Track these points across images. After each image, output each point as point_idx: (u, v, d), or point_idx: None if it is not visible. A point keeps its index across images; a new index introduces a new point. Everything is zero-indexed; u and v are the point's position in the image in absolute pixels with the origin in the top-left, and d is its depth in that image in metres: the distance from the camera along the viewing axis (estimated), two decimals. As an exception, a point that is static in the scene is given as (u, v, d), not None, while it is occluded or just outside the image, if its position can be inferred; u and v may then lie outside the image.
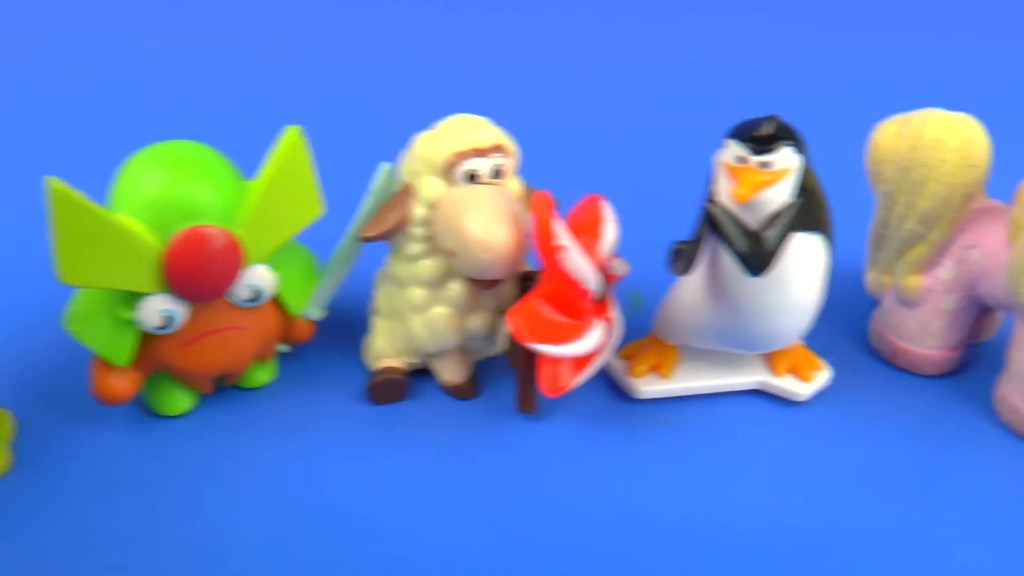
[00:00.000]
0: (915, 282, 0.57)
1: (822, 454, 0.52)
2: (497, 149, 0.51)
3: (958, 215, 0.55)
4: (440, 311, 0.52)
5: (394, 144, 0.54)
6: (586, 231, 0.49)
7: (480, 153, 0.50)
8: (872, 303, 0.63)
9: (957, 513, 0.49)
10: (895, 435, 0.54)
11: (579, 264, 0.47)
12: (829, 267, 0.51)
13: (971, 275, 0.55)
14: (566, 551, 0.46)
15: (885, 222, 0.58)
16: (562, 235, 0.47)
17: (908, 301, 0.58)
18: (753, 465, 0.52)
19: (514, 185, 0.52)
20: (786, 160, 0.47)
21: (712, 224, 0.48)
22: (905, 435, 0.54)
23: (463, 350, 0.55)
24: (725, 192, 0.48)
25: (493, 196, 0.49)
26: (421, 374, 0.56)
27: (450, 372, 0.55)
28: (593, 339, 0.49)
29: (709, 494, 0.49)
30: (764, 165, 0.47)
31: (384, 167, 0.53)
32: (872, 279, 0.61)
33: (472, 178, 0.50)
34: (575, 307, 0.49)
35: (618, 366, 0.56)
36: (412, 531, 0.47)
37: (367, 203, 0.53)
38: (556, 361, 0.49)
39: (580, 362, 0.50)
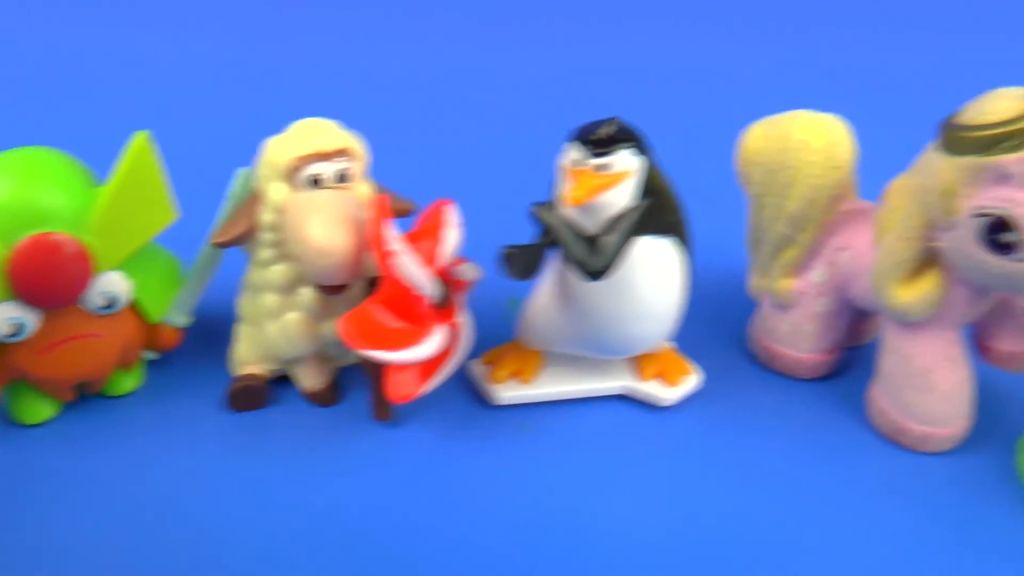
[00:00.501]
0: (788, 285, 0.56)
1: (688, 459, 0.52)
2: (342, 153, 0.50)
3: (826, 217, 0.54)
4: (293, 317, 0.52)
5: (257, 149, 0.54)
6: (430, 236, 0.49)
7: (323, 157, 0.50)
8: (753, 307, 0.62)
9: (823, 516, 0.48)
10: (765, 439, 0.53)
11: (410, 269, 0.47)
12: (687, 270, 0.51)
13: (842, 277, 0.54)
14: (420, 558, 0.45)
15: (757, 225, 0.57)
16: (393, 240, 0.46)
17: (782, 304, 0.57)
18: (614, 471, 0.51)
19: (363, 189, 0.52)
20: (625, 162, 0.46)
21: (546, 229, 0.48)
22: (775, 439, 0.53)
23: (321, 356, 0.55)
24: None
25: (335, 201, 0.49)
26: (284, 381, 0.56)
27: (309, 378, 0.54)
28: (433, 345, 0.49)
29: (567, 498, 0.49)
30: (601, 167, 0.46)
31: (241, 172, 0.53)
32: (754, 283, 0.60)
33: (316, 182, 0.50)
34: (414, 312, 0.48)
35: (479, 371, 0.55)
36: (268, 537, 0.46)
37: (224, 209, 0.53)
38: (402, 368, 0.49)
39: (427, 368, 0.49)
